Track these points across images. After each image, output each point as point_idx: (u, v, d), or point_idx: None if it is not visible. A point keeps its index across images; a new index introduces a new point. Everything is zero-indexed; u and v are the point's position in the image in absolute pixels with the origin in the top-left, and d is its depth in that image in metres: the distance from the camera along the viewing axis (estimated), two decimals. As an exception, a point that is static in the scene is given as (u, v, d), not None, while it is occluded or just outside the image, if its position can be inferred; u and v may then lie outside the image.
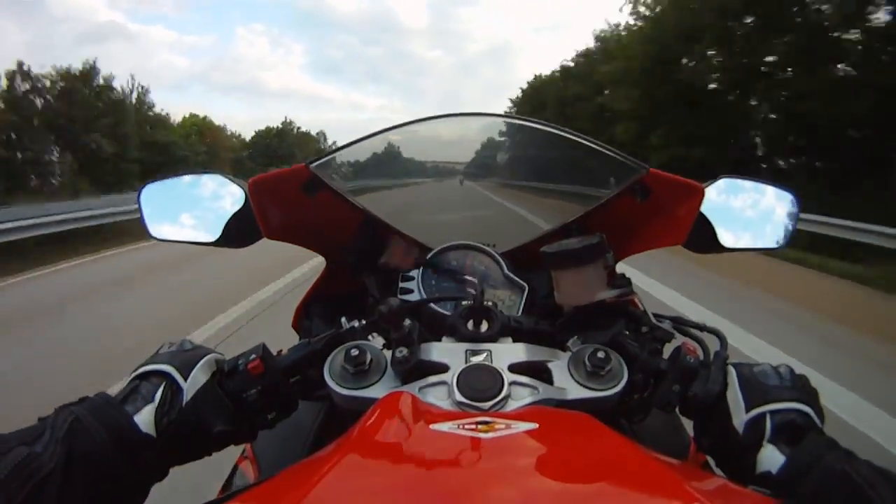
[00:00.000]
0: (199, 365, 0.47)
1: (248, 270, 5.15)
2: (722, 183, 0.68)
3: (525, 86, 30.52)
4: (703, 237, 0.66)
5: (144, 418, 0.43)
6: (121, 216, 8.54)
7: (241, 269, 5.23)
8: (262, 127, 47.20)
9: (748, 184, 0.70)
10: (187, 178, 0.70)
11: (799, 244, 6.31)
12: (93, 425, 0.39)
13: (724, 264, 5.00)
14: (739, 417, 0.45)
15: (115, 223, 8.52)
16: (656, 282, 4.57)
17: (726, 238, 0.68)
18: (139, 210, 0.69)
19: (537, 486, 0.31)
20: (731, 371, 0.48)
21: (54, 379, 2.76)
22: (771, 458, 0.42)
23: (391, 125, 0.69)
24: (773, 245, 0.71)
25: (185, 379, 0.46)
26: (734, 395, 0.46)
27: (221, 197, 0.67)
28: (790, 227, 0.70)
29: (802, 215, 0.70)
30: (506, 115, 0.80)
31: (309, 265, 4.82)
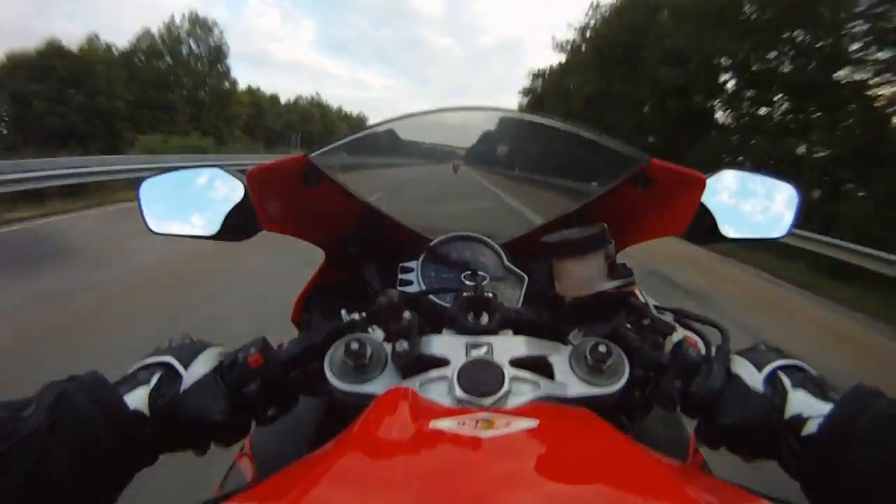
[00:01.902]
0: (200, 356, 0.48)
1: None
2: (723, 174, 0.68)
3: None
4: (703, 228, 0.66)
5: (137, 397, 0.43)
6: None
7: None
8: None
9: (749, 175, 0.70)
10: (187, 172, 0.70)
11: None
12: (81, 399, 0.39)
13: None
14: (755, 379, 0.46)
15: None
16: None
17: (727, 229, 0.67)
18: (139, 205, 0.68)
19: (537, 484, 0.31)
20: (734, 357, 0.49)
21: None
22: (801, 400, 0.43)
23: (393, 117, 0.69)
24: (773, 236, 0.71)
25: (185, 369, 0.46)
26: (743, 367, 0.48)
27: (221, 190, 0.67)
28: (791, 218, 0.70)
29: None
30: (507, 110, 0.80)
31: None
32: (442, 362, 0.49)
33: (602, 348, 0.48)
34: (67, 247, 5.25)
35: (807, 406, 0.42)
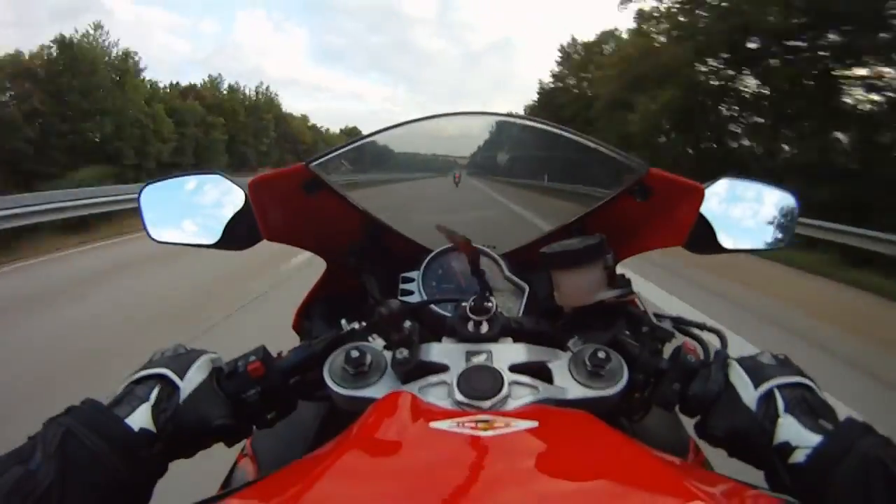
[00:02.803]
0: (194, 365, 0.48)
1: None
2: (722, 183, 0.68)
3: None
4: (702, 238, 0.66)
5: (140, 417, 0.42)
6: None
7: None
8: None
9: (748, 184, 0.70)
10: (188, 179, 0.70)
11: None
12: (85, 434, 0.38)
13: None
14: (749, 395, 0.46)
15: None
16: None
17: (725, 239, 0.68)
18: (139, 211, 0.69)
19: (537, 483, 0.31)
20: (733, 363, 0.49)
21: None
22: (790, 428, 0.43)
23: (392, 124, 0.69)
24: (772, 246, 0.71)
25: (181, 379, 0.46)
26: (740, 380, 0.47)
27: (221, 198, 0.68)
28: (790, 228, 0.70)
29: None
30: (507, 115, 0.80)
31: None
32: (442, 368, 0.49)
33: (601, 354, 0.49)
34: None
35: (795, 435, 0.42)
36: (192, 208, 0.69)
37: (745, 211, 0.70)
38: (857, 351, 3.43)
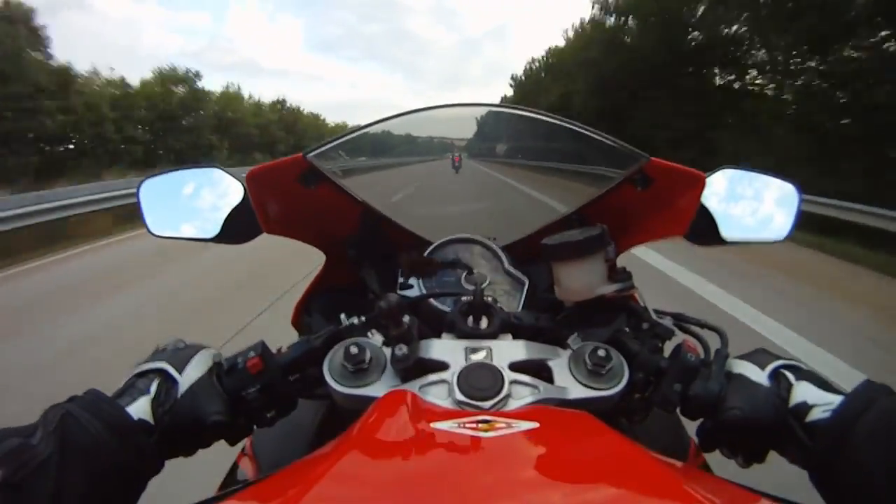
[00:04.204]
0: (193, 359, 0.48)
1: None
2: (723, 174, 0.67)
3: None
4: (704, 229, 0.66)
5: (140, 408, 0.43)
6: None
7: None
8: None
9: (749, 175, 0.69)
10: (186, 173, 0.70)
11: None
12: (85, 418, 0.39)
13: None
14: (759, 375, 0.47)
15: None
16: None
17: (727, 230, 0.67)
18: (139, 206, 0.68)
19: (537, 486, 0.31)
20: (733, 360, 0.49)
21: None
22: (807, 390, 0.44)
23: (390, 115, 0.68)
24: (774, 237, 0.70)
25: (180, 374, 0.46)
26: (745, 366, 0.48)
27: (220, 191, 0.67)
28: (792, 219, 0.69)
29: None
30: (508, 106, 0.79)
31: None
32: (441, 366, 0.49)
33: (601, 352, 0.48)
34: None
35: (812, 395, 0.43)
36: (191, 202, 0.69)
37: (746, 201, 0.69)
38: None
